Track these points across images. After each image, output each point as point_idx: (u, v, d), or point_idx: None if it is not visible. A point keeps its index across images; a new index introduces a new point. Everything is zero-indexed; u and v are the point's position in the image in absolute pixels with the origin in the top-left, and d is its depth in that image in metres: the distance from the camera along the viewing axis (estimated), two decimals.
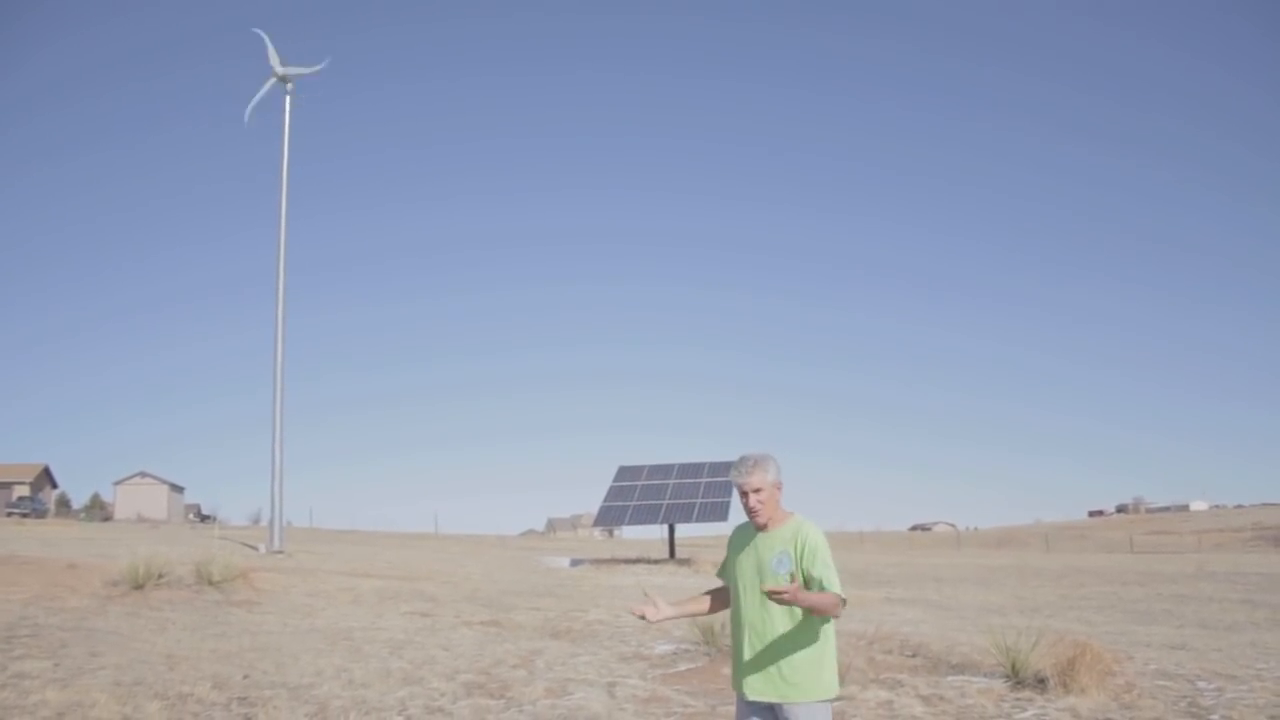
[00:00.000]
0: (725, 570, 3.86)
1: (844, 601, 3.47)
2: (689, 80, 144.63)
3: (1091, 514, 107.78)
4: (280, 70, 29.18)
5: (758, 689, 3.54)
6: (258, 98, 29.49)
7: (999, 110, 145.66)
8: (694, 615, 3.97)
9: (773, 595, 3.26)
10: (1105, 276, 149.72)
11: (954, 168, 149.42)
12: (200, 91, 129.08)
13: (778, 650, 3.50)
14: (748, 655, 3.57)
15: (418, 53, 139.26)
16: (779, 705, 3.51)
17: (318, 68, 30.35)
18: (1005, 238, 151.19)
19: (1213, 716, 6.92)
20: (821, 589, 3.45)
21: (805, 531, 3.56)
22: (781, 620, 3.52)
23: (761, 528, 3.64)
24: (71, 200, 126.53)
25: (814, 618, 3.50)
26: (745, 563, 3.67)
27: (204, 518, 73.97)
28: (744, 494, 3.60)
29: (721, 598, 3.89)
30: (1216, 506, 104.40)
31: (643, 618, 3.74)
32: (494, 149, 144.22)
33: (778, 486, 3.63)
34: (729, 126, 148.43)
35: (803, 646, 3.49)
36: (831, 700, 3.53)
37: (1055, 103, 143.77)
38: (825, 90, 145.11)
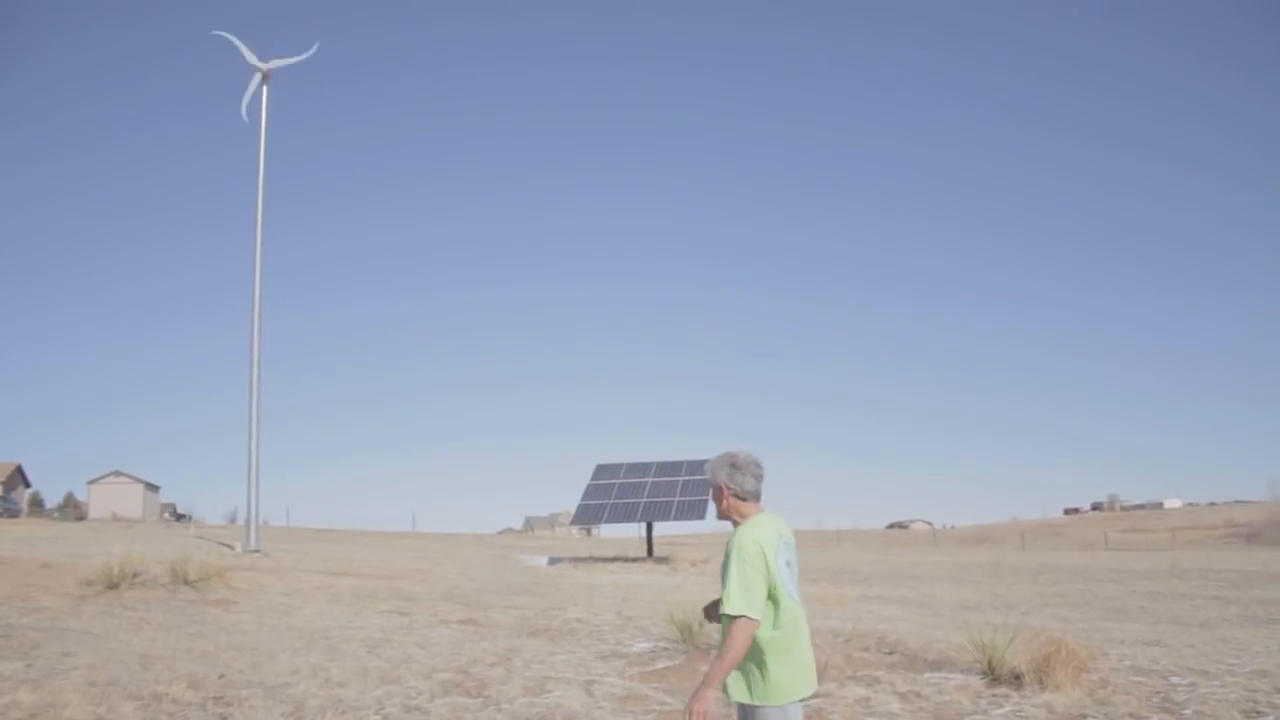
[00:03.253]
0: None
1: (735, 619, 3.34)
2: (675, 77, 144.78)
3: (1067, 511, 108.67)
4: (264, 65, 28.89)
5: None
6: (249, 94, 29.20)
7: (985, 104, 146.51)
8: None
9: None
10: (1083, 273, 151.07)
11: (937, 163, 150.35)
12: (176, 94, 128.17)
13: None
14: None
15: (398, 51, 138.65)
16: (738, 705, 3.55)
17: (305, 55, 30.06)
18: (985, 234, 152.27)
19: (1186, 711, 7.00)
20: (723, 601, 3.41)
21: (732, 538, 3.53)
22: (725, 620, 3.50)
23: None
24: (46, 203, 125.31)
25: None
26: None
27: (179, 517, 73.36)
28: None
29: None
30: (1190, 504, 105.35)
31: None
32: (472, 149, 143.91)
33: (722, 487, 3.62)
34: (714, 124, 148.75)
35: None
36: (783, 704, 3.45)
37: (1045, 98, 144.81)
38: (815, 87, 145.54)
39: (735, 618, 3.34)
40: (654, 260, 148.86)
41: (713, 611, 3.75)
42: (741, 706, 3.54)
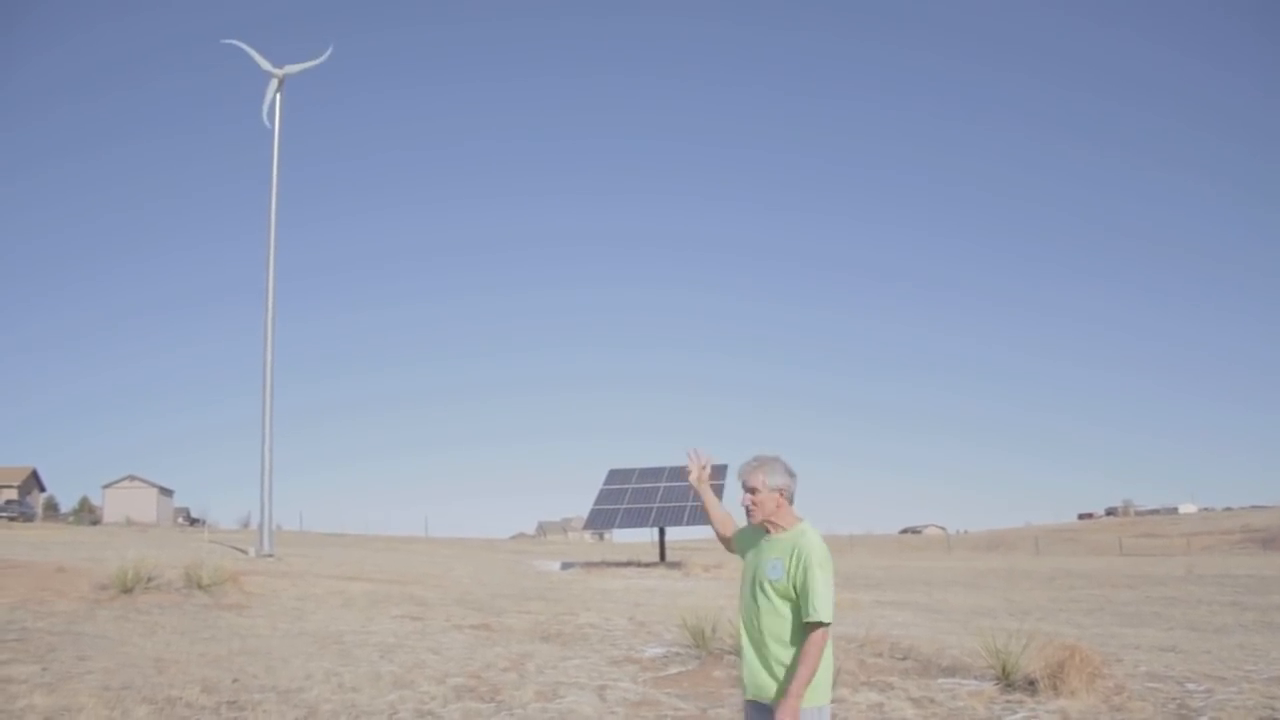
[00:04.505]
0: (740, 539, 3.85)
1: (823, 625, 3.40)
2: (682, 82, 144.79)
3: (1081, 517, 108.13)
4: (279, 71, 28.98)
5: (754, 689, 3.54)
6: (268, 100, 29.30)
7: (989, 109, 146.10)
8: (711, 513, 4.05)
9: None
10: (1095, 278, 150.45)
11: (946, 168, 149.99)
12: (190, 96, 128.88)
13: (769, 652, 3.50)
14: (745, 655, 3.59)
15: (409, 55, 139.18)
16: (773, 706, 3.48)
17: (320, 60, 30.17)
18: (995, 239, 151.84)
19: (1202, 718, 6.95)
20: (810, 611, 3.41)
21: (803, 543, 3.50)
22: (771, 623, 3.51)
23: (768, 530, 3.62)
24: (60, 205, 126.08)
25: (799, 621, 3.48)
26: (747, 563, 3.68)
27: (193, 521, 73.56)
28: (743, 492, 3.62)
29: (730, 540, 3.93)
30: (1205, 509, 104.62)
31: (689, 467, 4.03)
32: (483, 152, 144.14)
33: (780, 492, 3.58)
34: (721, 128, 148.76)
35: (794, 651, 3.46)
36: (822, 705, 3.47)
37: (1044, 101, 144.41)
38: (817, 91, 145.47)
39: (822, 625, 3.40)
40: (666, 265, 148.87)
41: None
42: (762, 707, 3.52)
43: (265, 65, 28.97)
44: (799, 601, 3.45)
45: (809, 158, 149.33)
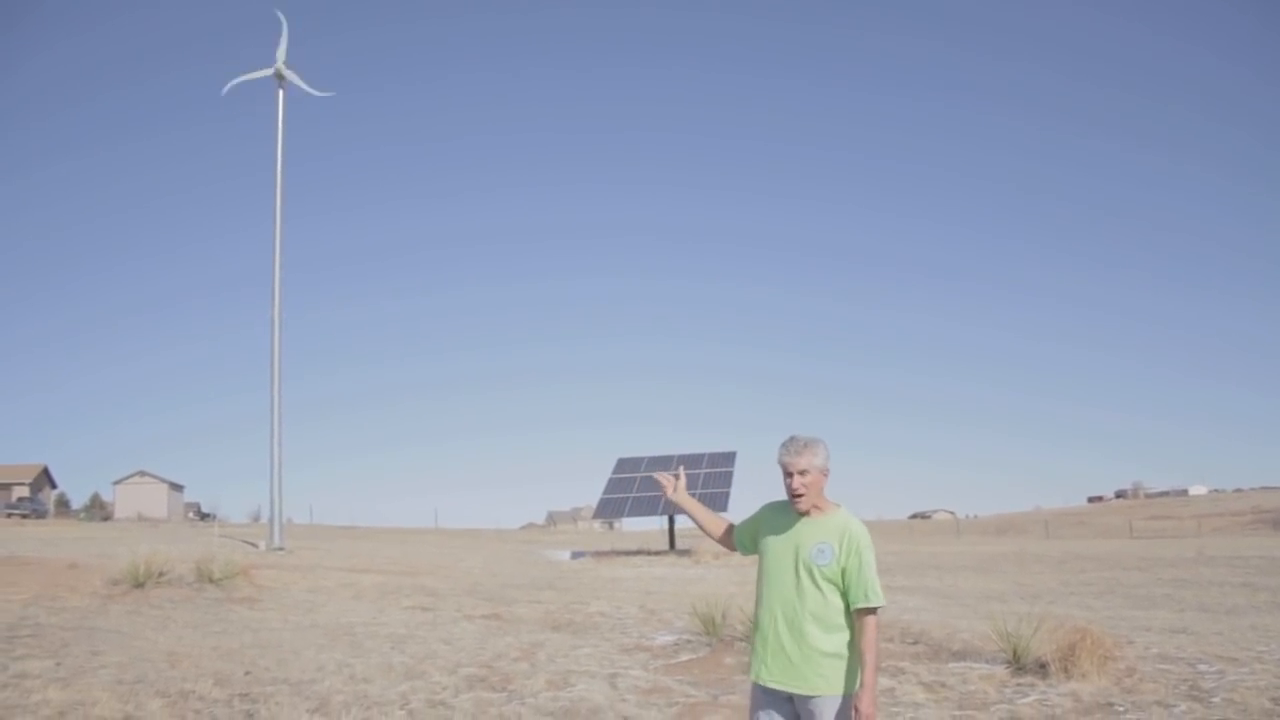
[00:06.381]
0: (745, 532, 3.78)
1: (877, 610, 3.43)
2: (688, 74, 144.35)
3: (1091, 500, 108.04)
4: (284, 69, 28.94)
5: (782, 678, 3.44)
6: (245, 78, 29.21)
7: (996, 99, 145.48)
8: (700, 523, 3.93)
9: None
10: (1103, 263, 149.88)
11: (952, 157, 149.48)
12: (195, 91, 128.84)
13: (808, 640, 3.41)
14: (773, 642, 3.48)
15: (412, 50, 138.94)
16: (804, 697, 3.40)
17: (321, 94, 30.28)
18: (1003, 226, 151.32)
19: (1214, 699, 6.93)
20: (866, 597, 3.41)
21: (853, 529, 3.46)
22: (816, 607, 3.43)
23: (804, 513, 3.52)
24: (67, 201, 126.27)
25: (845, 608, 3.44)
26: (780, 546, 3.55)
27: (204, 516, 73.93)
28: (789, 474, 3.49)
29: (729, 538, 3.87)
30: (1216, 491, 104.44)
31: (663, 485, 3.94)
32: (489, 145, 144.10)
33: (824, 473, 3.52)
34: (725, 119, 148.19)
35: (834, 638, 3.42)
36: (845, 694, 3.41)
37: (1051, 91, 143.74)
38: (824, 82, 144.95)
39: (875, 610, 3.42)
40: (673, 255, 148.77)
41: None
42: (817, 699, 3.42)
43: (280, 52, 28.83)
44: (847, 587, 3.41)
45: (816, 147, 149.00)
